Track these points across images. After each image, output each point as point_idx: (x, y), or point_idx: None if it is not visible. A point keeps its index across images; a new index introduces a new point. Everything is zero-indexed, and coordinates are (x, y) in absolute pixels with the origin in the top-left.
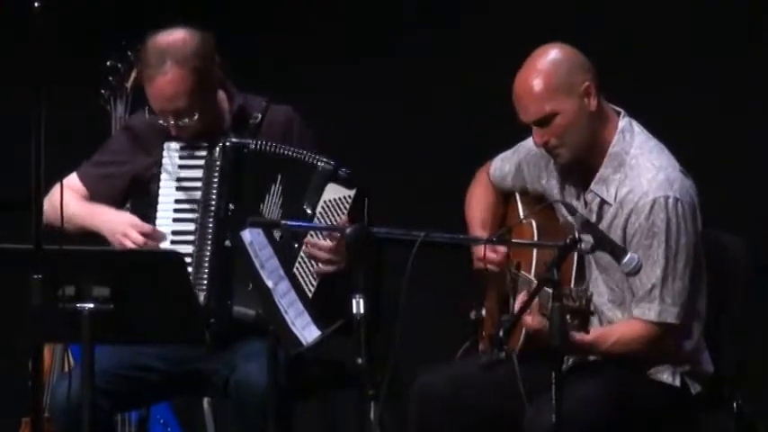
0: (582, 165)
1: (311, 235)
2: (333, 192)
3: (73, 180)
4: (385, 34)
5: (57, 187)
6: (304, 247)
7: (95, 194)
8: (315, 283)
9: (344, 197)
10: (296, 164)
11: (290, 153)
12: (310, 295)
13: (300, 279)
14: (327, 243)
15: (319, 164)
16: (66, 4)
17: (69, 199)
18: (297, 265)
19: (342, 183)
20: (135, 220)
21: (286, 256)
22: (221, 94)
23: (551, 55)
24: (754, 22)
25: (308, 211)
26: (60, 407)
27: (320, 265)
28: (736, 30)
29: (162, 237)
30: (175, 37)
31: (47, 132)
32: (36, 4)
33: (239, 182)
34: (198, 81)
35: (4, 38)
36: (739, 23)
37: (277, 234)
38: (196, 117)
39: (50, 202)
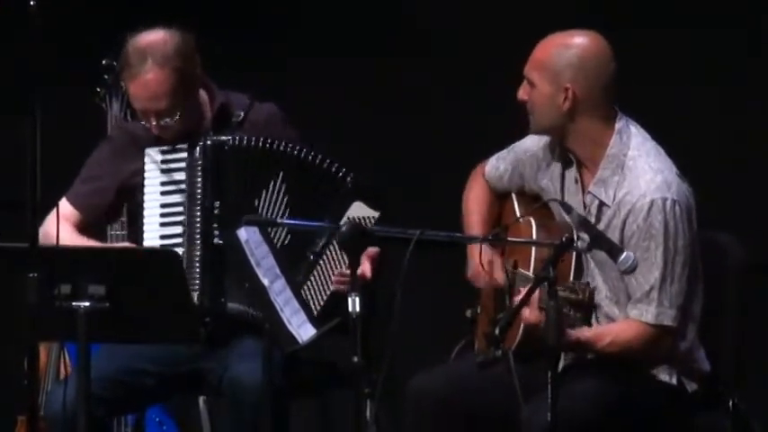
0: (579, 166)
1: (330, 261)
2: (358, 209)
3: (63, 206)
4: (384, 32)
5: (50, 218)
6: (327, 266)
7: (87, 212)
8: (323, 302)
9: (369, 217)
10: (311, 167)
11: (302, 155)
12: (315, 313)
13: (309, 296)
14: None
15: (349, 178)
16: (62, 3)
17: (63, 233)
18: (313, 275)
19: (370, 203)
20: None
21: (296, 262)
22: (202, 94)
23: (576, 42)
24: (755, 22)
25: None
26: (56, 415)
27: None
28: (736, 29)
29: None
30: (156, 37)
31: (43, 131)
32: (32, 3)
33: (224, 179)
34: (179, 81)
35: (0, 37)
36: (739, 23)
37: (282, 235)
38: (177, 117)
39: (45, 234)
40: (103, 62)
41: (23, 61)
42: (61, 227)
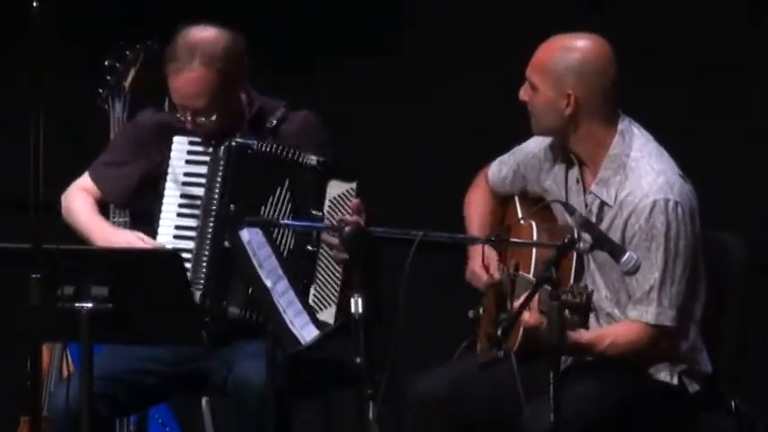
0: (581, 166)
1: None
2: (336, 188)
3: (85, 181)
4: (385, 32)
5: (73, 189)
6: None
7: (108, 194)
8: (340, 270)
9: (348, 191)
10: (299, 167)
11: (291, 156)
12: (338, 285)
13: (325, 271)
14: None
15: (315, 163)
16: (64, 3)
17: (83, 205)
18: (319, 260)
19: (342, 177)
20: (135, 240)
21: (304, 262)
22: (242, 96)
23: (579, 46)
24: (754, 23)
25: (318, 215)
26: (59, 414)
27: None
28: (735, 31)
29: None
30: (207, 35)
31: (45, 132)
32: (35, 4)
33: (241, 182)
34: (221, 83)
35: (3, 37)
36: (739, 24)
37: (289, 241)
38: (214, 117)
39: (66, 202)
40: (106, 63)
41: (26, 61)
42: (83, 200)
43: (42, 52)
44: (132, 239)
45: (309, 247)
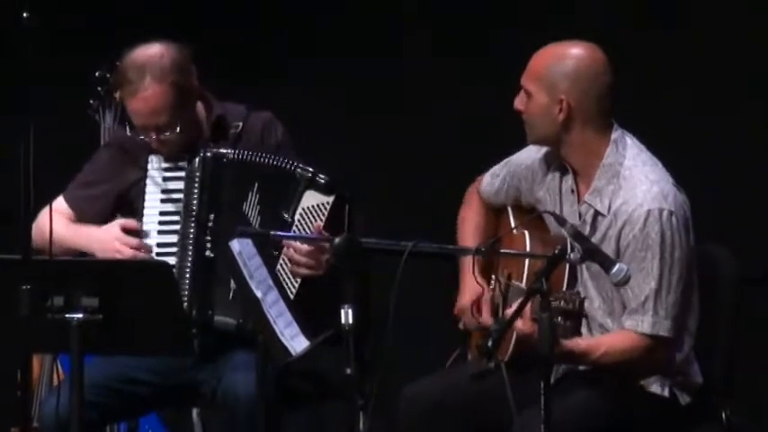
0: (575, 176)
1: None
2: (311, 199)
3: (60, 203)
4: (384, 36)
5: (43, 212)
6: (285, 249)
7: (83, 216)
8: (296, 284)
9: (323, 204)
10: (274, 171)
11: (268, 160)
12: (292, 297)
13: (282, 281)
14: (305, 247)
15: (297, 171)
16: (54, 14)
17: (56, 223)
18: (278, 267)
19: (320, 190)
20: (121, 234)
21: (267, 261)
22: (199, 105)
23: (572, 53)
24: (753, 28)
25: (288, 219)
26: (49, 422)
27: (298, 268)
28: (733, 39)
29: (149, 249)
30: (152, 52)
31: (35, 143)
32: (25, 15)
33: (219, 192)
34: (178, 94)
35: None
36: (737, 29)
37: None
38: (178, 130)
39: (38, 227)
40: (96, 74)
41: (15, 71)
42: (56, 219)
43: (32, 62)
44: (118, 234)
45: (275, 252)
